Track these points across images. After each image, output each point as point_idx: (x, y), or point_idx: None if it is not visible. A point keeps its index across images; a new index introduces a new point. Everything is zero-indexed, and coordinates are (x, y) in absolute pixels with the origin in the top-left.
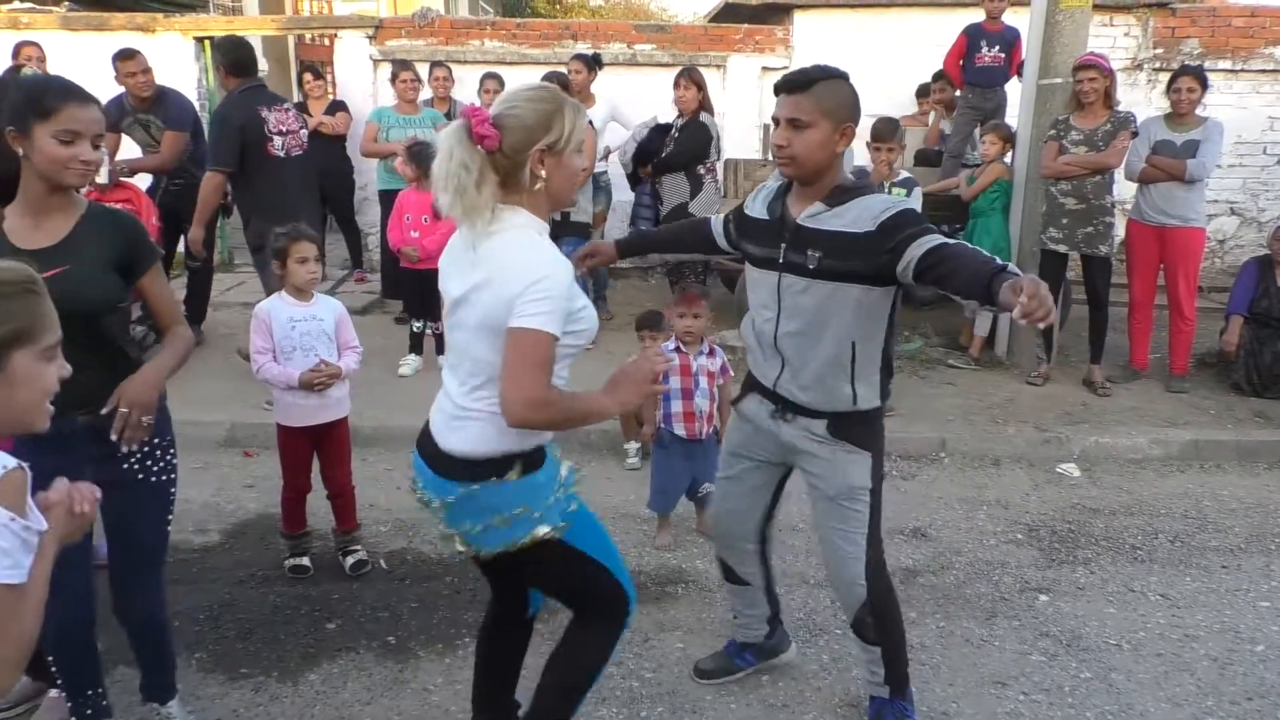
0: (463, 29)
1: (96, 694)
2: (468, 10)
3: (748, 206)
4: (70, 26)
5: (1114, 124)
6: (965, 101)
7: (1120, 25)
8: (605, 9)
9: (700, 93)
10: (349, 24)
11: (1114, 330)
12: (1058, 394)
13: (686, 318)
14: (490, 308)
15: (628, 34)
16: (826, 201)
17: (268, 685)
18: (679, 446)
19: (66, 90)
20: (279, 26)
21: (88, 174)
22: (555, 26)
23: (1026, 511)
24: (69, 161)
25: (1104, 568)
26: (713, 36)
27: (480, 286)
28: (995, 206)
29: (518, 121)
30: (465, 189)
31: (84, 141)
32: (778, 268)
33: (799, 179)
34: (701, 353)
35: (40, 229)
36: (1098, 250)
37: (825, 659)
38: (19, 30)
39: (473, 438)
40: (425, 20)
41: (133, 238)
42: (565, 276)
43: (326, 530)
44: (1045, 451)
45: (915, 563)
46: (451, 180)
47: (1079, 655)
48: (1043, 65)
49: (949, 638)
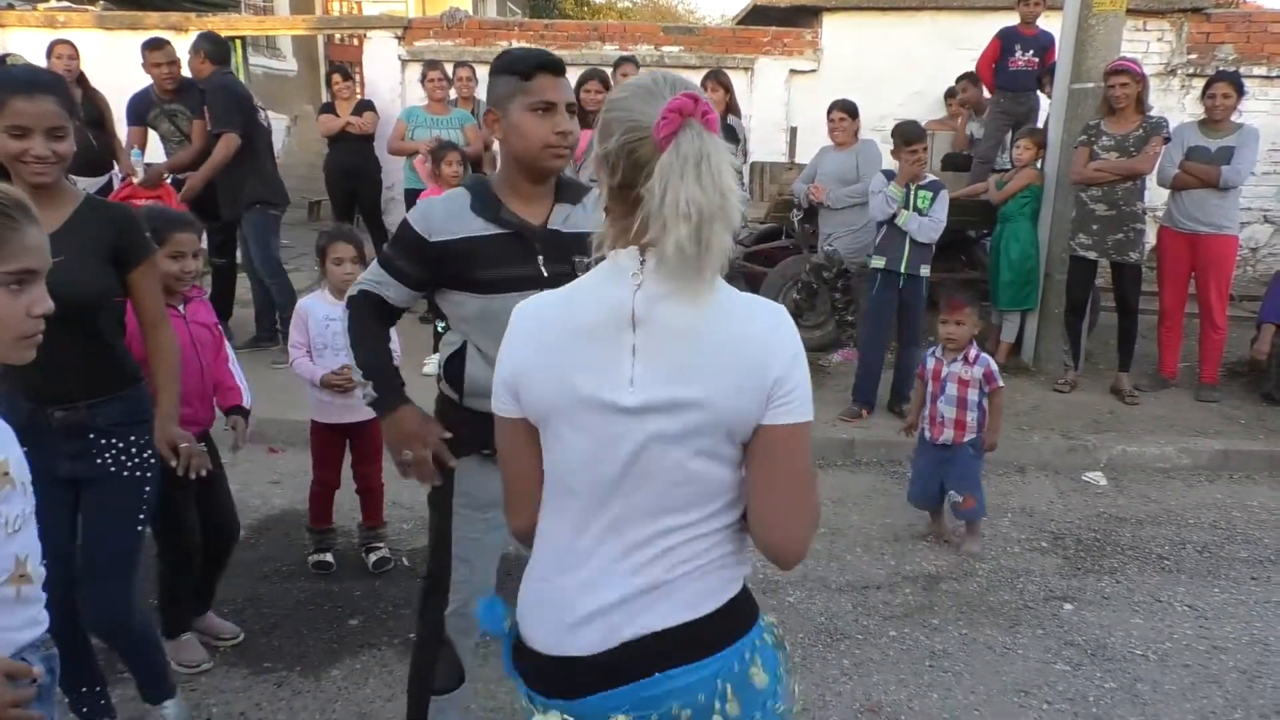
0: (491, 30)
1: (94, 692)
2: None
3: (437, 233)
4: (105, 25)
5: (1146, 129)
6: (997, 106)
7: (1154, 30)
8: (632, 10)
9: (727, 95)
10: (378, 24)
11: (1143, 338)
12: (1085, 402)
13: (949, 324)
14: (725, 400)
15: (655, 36)
16: (567, 200)
17: (290, 680)
18: (929, 446)
19: (14, 82)
20: (309, 26)
21: (44, 170)
22: (583, 28)
23: (1051, 519)
24: (20, 156)
25: (1130, 577)
26: (740, 39)
27: (697, 371)
28: (1025, 212)
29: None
30: (734, 222)
31: (34, 136)
32: (542, 284)
33: (552, 177)
34: (957, 360)
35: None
36: (1128, 257)
37: (846, 663)
38: (55, 29)
39: (688, 600)
40: (454, 21)
41: (126, 229)
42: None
43: (351, 527)
44: (1071, 459)
45: (938, 569)
46: (721, 211)
47: (1104, 665)
48: (1075, 70)
49: (971, 645)
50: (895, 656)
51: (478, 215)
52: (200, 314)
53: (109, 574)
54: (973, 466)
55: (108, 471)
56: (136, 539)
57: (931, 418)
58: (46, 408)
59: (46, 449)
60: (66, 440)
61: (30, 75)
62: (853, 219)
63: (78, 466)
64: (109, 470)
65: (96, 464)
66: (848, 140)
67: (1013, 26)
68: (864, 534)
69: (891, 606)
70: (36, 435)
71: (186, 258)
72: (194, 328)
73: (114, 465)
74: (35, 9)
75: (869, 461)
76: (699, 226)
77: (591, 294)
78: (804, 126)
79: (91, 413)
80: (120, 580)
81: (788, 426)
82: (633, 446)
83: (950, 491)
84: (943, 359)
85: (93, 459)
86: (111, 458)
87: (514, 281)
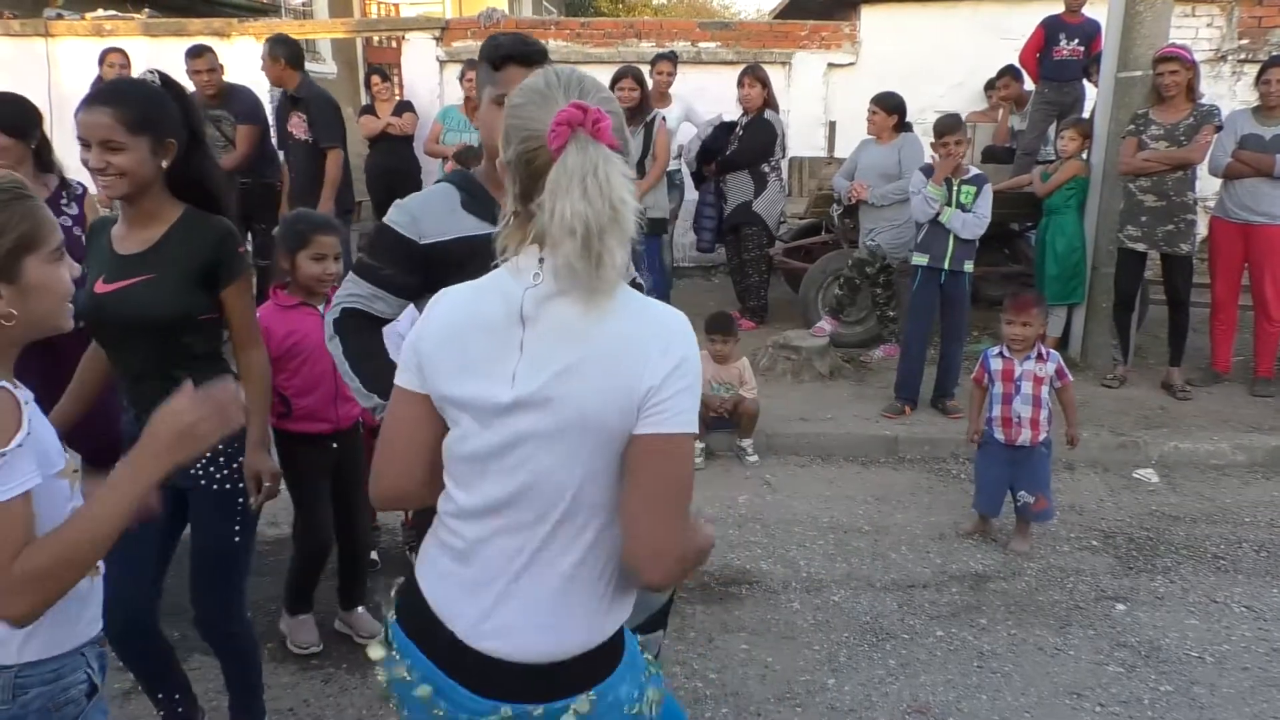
0: (528, 29)
1: (172, 699)
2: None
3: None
4: (151, 33)
5: (1197, 118)
6: (1041, 96)
7: (1203, 15)
8: (668, 7)
9: (765, 90)
10: (416, 26)
11: (1194, 331)
12: (1135, 397)
13: (1015, 325)
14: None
15: (692, 32)
16: None
17: (337, 677)
18: (999, 450)
19: (87, 96)
20: (348, 29)
21: (107, 183)
22: (620, 25)
23: (1102, 518)
24: (90, 166)
25: (1184, 577)
26: (778, 33)
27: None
28: (1070, 204)
29: (618, 123)
30: (630, 233)
31: (91, 148)
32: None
33: None
34: (1029, 358)
35: (134, 235)
36: (1178, 249)
37: (892, 663)
38: (103, 37)
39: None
40: (491, 21)
41: (222, 245)
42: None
43: (395, 525)
44: (1121, 456)
45: (985, 568)
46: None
47: (1158, 667)
48: (1121, 58)
49: (1021, 646)
50: (943, 657)
51: (470, 213)
52: None
53: (208, 584)
54: (1044, 466)
55: (199, 484)
56: (232, 549)
57: (1005, 420)
58: (145, 417)
59: None
60: None
61: (106, 86)
62: (895, 214)
63: (176, 476)
64: (200, 483)
65: (190, 474)
66: (886, 135)
67: (1057, 15)
68: (909, 532)
69: (938, 606)
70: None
71: (328, 260)
72: None
73: (204, 478)
74: (83, 18)
75: (913, 459)
76: (586, 241)
77: (494, 289)
78: (842, 120)
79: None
80: (217, 590)
81: (656, 437)
82: (501, 441)
83: (1021, 492)
84: (1012, 358)
85: (187, 470)
86: (201, 469)
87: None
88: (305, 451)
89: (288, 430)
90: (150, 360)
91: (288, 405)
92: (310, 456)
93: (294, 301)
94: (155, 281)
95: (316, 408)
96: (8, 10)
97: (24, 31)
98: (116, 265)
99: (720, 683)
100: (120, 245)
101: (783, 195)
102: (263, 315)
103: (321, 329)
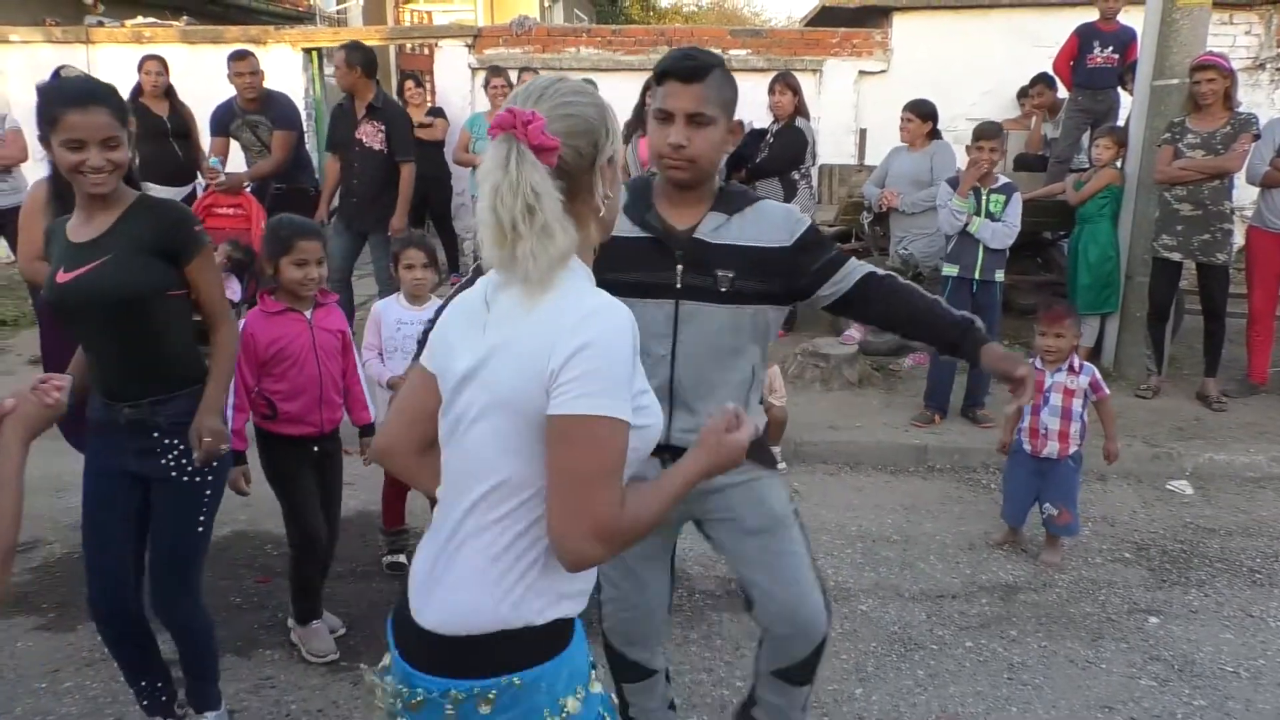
0: (559, 36)
1: (155, 687)
2: (562, 18)
3: None
4: (189, 40)
5: (1234, 126)
6: (1075, 104)
7: (1241, 23)
8: (699, 14)
9: (795, 98)
10: (449, 34)
11: (1231, 342)
12: (1169, 408)
13: (1048, 336)
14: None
15: (723, 39)
16: (723, 209)
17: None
18: (1026, 460)
19: (67, 97)
20: (382, 37)
21: (101, 180)
22: (650, 33)
23: (1135, 529)
24: (78, 166)
25: (1219, 590)
26: (809, 41)
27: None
28: (1104, 213)
29: (579, 124)
30: (550, 227)
31: (90, 148)
32: (674, 294)
33: (694, 183)
34: (1060, 370)
35: (89, 224)
36: (1215, 258)
37: (920, 674)
38: (142, 44)
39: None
40: (523, 29)
41: (174, 223)
42: (627, 337)
43: (423, 528)
44: (1155, 467)
45: (1015, 579)
46: (530, 217)
47: (1192, 681)
48: (1157, 65)
49: (1052, 658)
50: (972, 668)
51: (626, 216)
52: (328, 320)
53: (168, 572)
54: (1071, 480)
55: (169, 474)
56: (196, 540)
57: (1033, 431)
58: (117, 404)
59: (118, 445)
60: (132, 438)
61: (83, 87)
62: (927, 222)
63: (144, 465)
64: (170, 473)
65: (160, 464)
66: (919, 142)
67: (1091, 22)
68: (938, 542)
69: (968, 617)
70: (109, 432)
71: (310, 265)
72: (319, 333)
73: (174, 469)
74: (123, 25)
75: (942, 468)
76: (499, 234)
77: (485, 279)
78: (873, 128)
79: (154, 410)
80: (178, 578)
81: (560, 418)
82: (454, 416)
83: (1046, 504)
84: (1044, 370)
85: (157, 459)
86: (173, 460)
87: (644, 288)
88: (288, 452)
89: (272, 432)
90: (119, 342)
91: (273, 409)
92: (293, 456)
93: (280, 307)
94: (112, 261)
95: (301, 412)
96: (50, 18)
97: (65, 38)
98: (73, 254)
99: (747, 690)
100: (75, 235)
101: (813, 203)
102: (249, 321)
103: (306, 335)
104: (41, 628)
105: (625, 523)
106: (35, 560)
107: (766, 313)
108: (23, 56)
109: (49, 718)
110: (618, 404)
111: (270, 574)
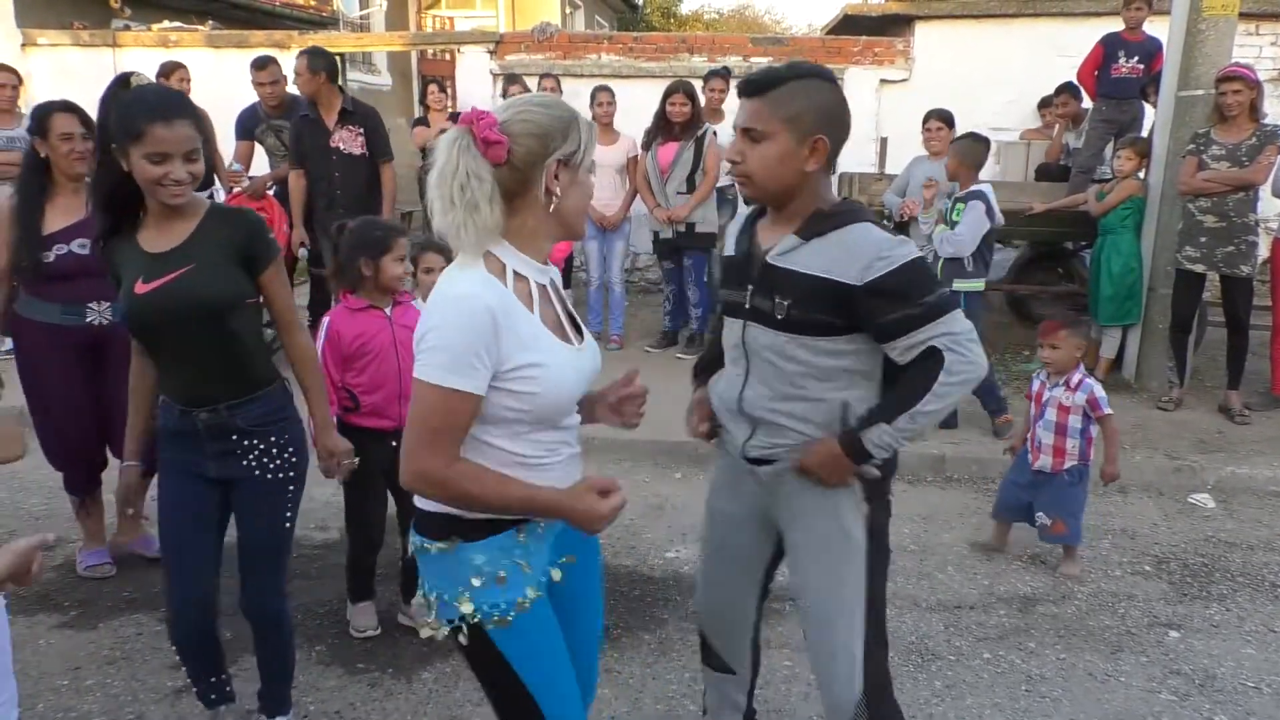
0: (580, 43)
1: (220, 680)
2: (584, 24)
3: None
4: (214, 45)
5: (1260, 138)
6: (1099, 114)
7: (1267, 34)
8: (720, 22)
9: None
10: (471, 39)
11: (1254, 355)
12: (1191, 420)
13: (1044, 348)
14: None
15: (744, 47)
16: (801, 233)
17: (383, 681)
18: (1025, 467)
19: (152, 110)
20: (405, 43)
21: (181, 192)
22: (672, 40)
23: (1155, 543)
24: (161, 179)
25: (1241, 605)
26: (830, 49)
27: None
28: (1127, 224)
29: (532, 127)
30: (478, 205)
31: (174, 160)
32: (743, 314)
33: (762, 201)
34: (1059, 384)
35: (164, 234)
36: (1239, 270)
37: (938, 685)
38: (168, 49)
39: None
40: (544, 35)
41: (252, 231)
42: (475, 321)
43: None
44: (1176, 480)
45: (1034, 591)
46: (461, 194)
47: (1213, 697)
48: (1182, 76)
49: (1070, 670)
50: (990, 680)
51: (743, 231)
52: (406, 317)
53: (260, 568)
54: (1067, 494)
55: (251, 474)
56: (283, 535)
57: (1030, 441)
58: (193, 411)
59: (195, 451)
60: (212, 441)
61: (167, 100)
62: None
63: (224, 467)
64: (253, 473)
65: (241, 465)
66: (943, 150)
67: (1116, 32)
68: (956, 552)
69: (985, 628)
70: (186, 438)
71: (406, 260)
72: (399, 330)
73: (257, 468)
74: (149, 29)
75: (960, 478)
76: (434, 214)
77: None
78: (894, 137)
79: (232, 414)
80: (270, 574)
81: (414, 379)
82: None
83: (1039, 513)
84: (1046, 382)
85: (237, 460)
86: (254, 459)
87: (728, 306)
88: (367, 445)
89: (353, 424)
90: (198, 350)
91: (355, 401)
92: (371, 451)
93: (363, 305)
94: (197, 269)
95: (382, 404)
96: (77, 21)
97: (92, 42)
98: (151, 264)
99: (762, 699)
100: (151, 245)
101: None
102: (333, 319)
103: (387, 331)
104: (64, 625)
105: (450, 482)
106: (58, 559)
107: (825, 344)
108: (50, 60)
109: (71, 715)
110: (452, 376)
111: (290, 576)
